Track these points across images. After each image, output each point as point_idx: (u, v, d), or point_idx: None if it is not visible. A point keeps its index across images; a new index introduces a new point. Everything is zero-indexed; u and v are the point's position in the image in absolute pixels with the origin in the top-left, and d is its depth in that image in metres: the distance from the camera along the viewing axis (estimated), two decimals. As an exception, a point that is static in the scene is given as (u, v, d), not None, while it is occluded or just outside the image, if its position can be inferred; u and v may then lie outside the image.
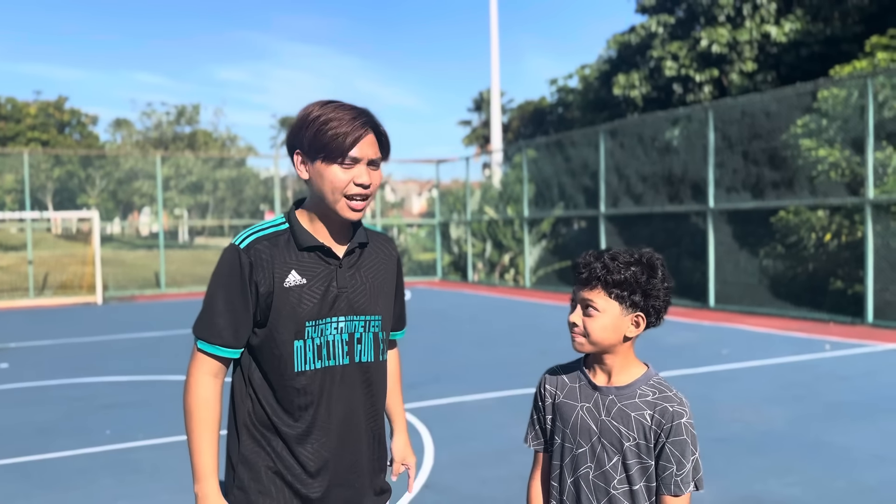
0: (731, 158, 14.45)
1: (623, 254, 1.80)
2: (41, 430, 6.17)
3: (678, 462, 1.75)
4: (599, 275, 1.78)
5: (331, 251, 1.95)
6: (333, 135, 1.85)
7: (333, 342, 1.93)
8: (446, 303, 16.48)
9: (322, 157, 1.87)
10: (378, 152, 1.92)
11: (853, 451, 5.15)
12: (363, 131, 1.87)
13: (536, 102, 36.28)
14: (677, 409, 1.76)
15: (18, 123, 46.94)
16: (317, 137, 1.86)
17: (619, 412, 1.80)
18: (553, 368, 1.98)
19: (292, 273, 1.90)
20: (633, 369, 1.85)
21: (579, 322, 1.81)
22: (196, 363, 1.93)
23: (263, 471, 1.91)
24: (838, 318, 11.98)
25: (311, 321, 1.90)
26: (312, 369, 1.91)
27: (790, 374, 7.85)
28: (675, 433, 1.74)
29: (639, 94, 20.93)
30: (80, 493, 4.64)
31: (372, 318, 1.99)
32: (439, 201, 24.27)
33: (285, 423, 1.91)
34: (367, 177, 1.89)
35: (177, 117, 49.49)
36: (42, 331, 12.78)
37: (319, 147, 1.86)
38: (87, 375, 8.48)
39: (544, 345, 10.07)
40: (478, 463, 5.07)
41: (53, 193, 30.21)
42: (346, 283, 1.95)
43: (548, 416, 1.94)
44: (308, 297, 1.90)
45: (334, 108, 1.89)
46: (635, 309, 1.79)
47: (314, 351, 1.92)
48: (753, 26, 18.97)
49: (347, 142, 1.85)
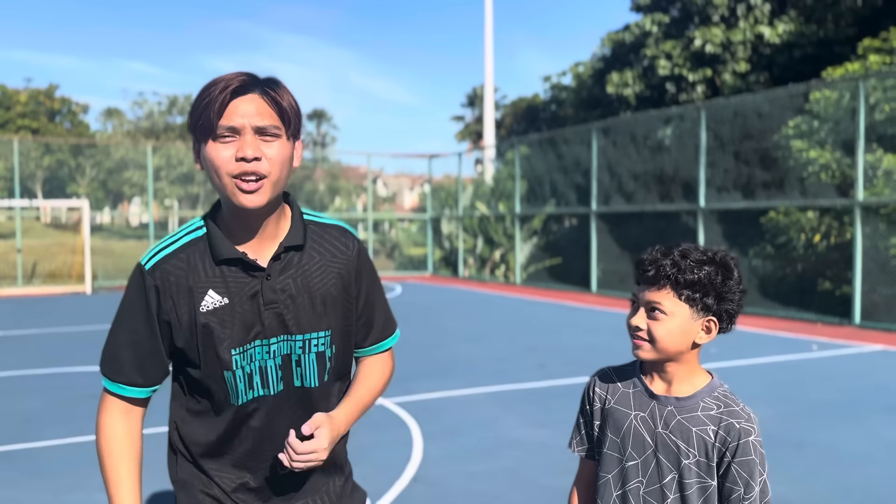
0: (723, 158, 14.51)
1: (695, 251, 1.61)
2: (28, 418, 6.14)
3: (746, 484, 1.59)
4: (669, 273, 1.59)
5: (252, 264, 1.59)
6: (205, 104, 1.50)
7: (266, 368, 1.63)
8: (436, 298, 16.49)
9: (201, 137, 1.53)
10: (271, 118, 1.52)
11: (838, 451, 5.19)
12: (234, 95, 1.50)
13: (530, 99, 36.32)
14: (744, 426, 1.61)
15: (8, 111, 46.62)
16: (192, 114, 1.53)
17: (679, 425, 1.63)
18: (604, 370, 1.81)
19: (209, 293, 1.58)
20: (696, 379, 1.67)
21: (643, 325, 1.63)
22: (103, 402, 1.68)
23: (199, 495, 1.70)
24: (826, 318, 12.06)
25: (238, 348, 1.59)
26: (244, 402, 1.63)
27: (777, 374, 7.91)
28: (741, 452, 1.59)
29: (632, 93, 20.98)
30: (67, 482, 4.63)
31: (313, 335, 1.65)
32: (431, 196, 24.26)
33: (220, 452, 1.69)
34: (251, 148, 1.49)
35: (168, 107, 49.28)
36: (30, 319, 12.71)
37: (194, 125, 1.52)
38: (75, 365, 8.44)
39: (534, 341, 10.09)
40: (466, 457, 5.09)
41: (43, 182, 30.04)
42: (274, 298, 1.60)
43: (596, 421, 1.77)
44: (230, 320, 1.58)
45: (207, 84, 1.54)
46: (707, 313, 1.61)
47: (245, 381, 1.62)
48: (747, 27, 19.03)
49: (215, 107, 1.48)
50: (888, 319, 11.29)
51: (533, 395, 6.96)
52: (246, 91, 1.52)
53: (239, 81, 1.52)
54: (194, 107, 1.54)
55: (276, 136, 1.54)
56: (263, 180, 1.52)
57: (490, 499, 4.34)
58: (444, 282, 20.99)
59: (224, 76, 1.54)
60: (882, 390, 7.08)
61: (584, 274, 17.70)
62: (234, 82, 1.51)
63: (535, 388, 7.24)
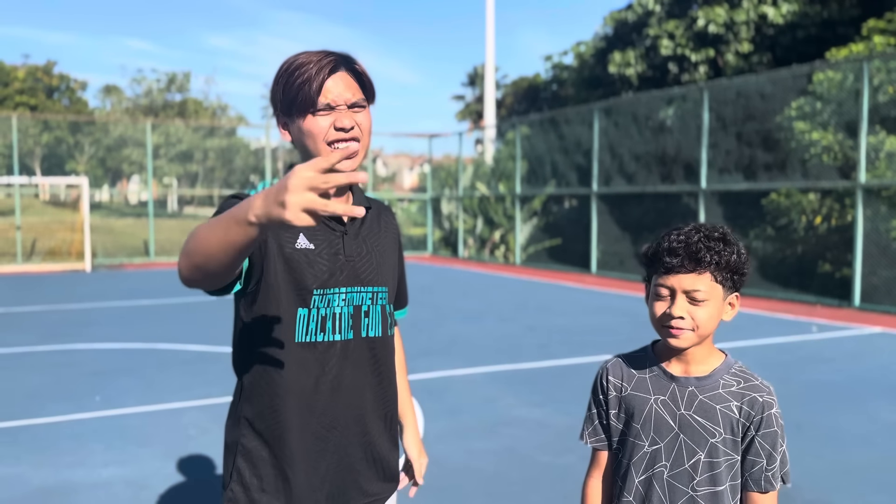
0: (725, 139, 14.46)
1: (711, 230, 1.62)
2: (30, 395, 6.16)
3: (769, 456, 1.62)
4: (709, 258, 1.59)
5: (337, 218, 1.76)
6: (300, 83, 1.67)
7: (340, 314, 1.75)
8: (436, 278, 16.50)
9: (296, 112, 1.69)
10: (359, 93, 1.73)
11: (838, 432, 5.22)
12: (330, 72, 1.68)
13: (531, 79, 36.10)
14: (767, 399, 1.62)
15: (6, 87, 46.33)
16: (286, 92, 1.69)
17: (702, 405, 1.64)
18: (614, 359, 1.80)
19: (301, 236, 1.72)
20: (712, 358, 1.69)
21: (686, 314, 1.60)
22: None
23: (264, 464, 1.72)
24: (826, 300, 12.08)
25: (319, 289, 1.72)
26: (313, 341, 1.72)
27: (776, 355, 7.93)
28: (765, 425, 1.61)
29: (634, 73, 20.85)
30: (69, 459, 4.65)
31: (379, 289, 1.82)
32: (431, 176, 24.20)
33: (282, 403, 1.71)
34: (348, 119, 1.69)
35: (167, 85, 49.01)
36: (30, 296, 12.72)
37: (290, 102, 1.69)
38: (75, 342, 8.46)
39: (533, 321, 10.11)
40: (467, 436, 5.11)
41: (42, 159, 29.93)
42: (352, 252, 1.78)
43: (611, 410, 1.76)
44: (317, 262, 1.72)
45: (300, 55, 1.71)
46: (733, 290, 1.64)
47: (318, 322, 1.72)
48: (751, 7, 18.88)
49: (314, 86, 1.66)
50: (888, 302, 11.31)
51: (533, 374, 6.98)
52: (336, 69, 1.70)
53: (330, 62, 1.70)
54: (287, 85, 1.69)
55: (363, 107, 1.74)
56: (357, 145, 1.72)
57: (490, 476, 4.37)
58: (444, 262, 21.00)
59: (311, 56, 1.70)
60: (882, 372, 7.11)
61: (583, 255, 17.70)
62: (326, 62, 1.69)
63: (534, 367, 7.26)
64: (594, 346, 8.14)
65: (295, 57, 1.71)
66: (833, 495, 4.11)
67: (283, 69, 1.71)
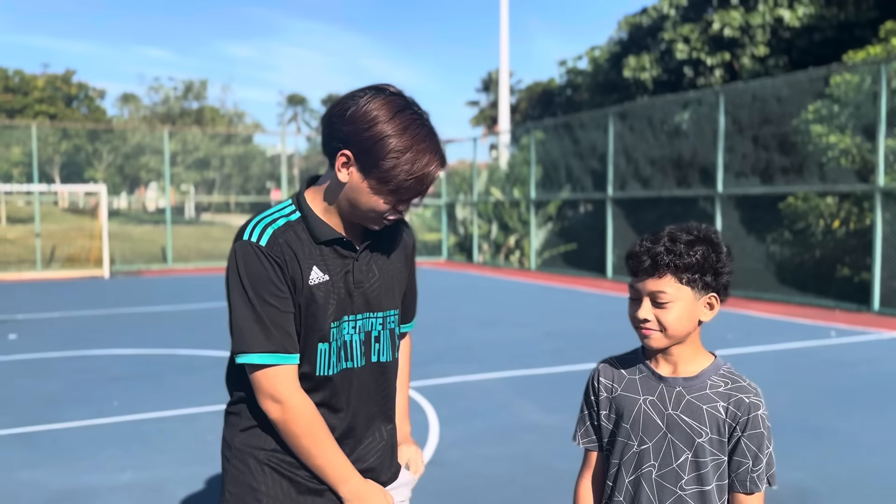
0: (741, 143, 14.37)
1: (681, 233, 1.63)
2: (49, 400, 6.22)
3: (754, 457, 1.63)
4: (668, 261, 1.60)
5: (349, 243, 1.77)
6: (404, 178, 1.63)
7: (351, 342, 1.79)
8: (451, 283, 16.50)
9: (377, 182, 1.64)
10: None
11: (857, 437, 5.16)
12: (434, 178, 1.67)
13: (545, 84, 36.07)
14: (753, 401, 1.63)
15: (26, 96, 46.93)
16: (382, 164, 1.62)
17: (689, 405, 1.65)
18: (606, 361, 1.83)
19: (314, 269, 1.72)
20: (700, 358, 1.70)
21: (651, 317, 1.64)
22: (271, 379, 1.68)
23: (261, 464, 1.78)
24: (844, 305, 11.96)
25: (335, 321, 1.74)
26: (332, 374, 1.77)
27: (795, 360, 7.86)
28: (752, 426, 1.62)
29: (649, 77, 20.79)
30: (87, 464, 4.69)
31: (388, 313, 1.85)
32: (445, 182, 24.22)
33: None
34: (403, 214, 1.75)
35: (184, 93, 49.48)
36: (50, 303, 12.85)
37: (381, 177, 1.63)
38: (94, 348, 8.53)
39: (549, 326, 10.08)
40: (481, 441, 5.10)
41: (61, 167, 30.27)
42: (362, 278, 1.79)
43: (602, 411, 1.78)
44: (331, 295, 1.73)
45: (410, 135, 1.62)
46: (707, 290, 1.64)
47: (336, 353, 1.77)
48: (766, 10, 18.78)
49: (423, 187, 1.66)
50: (908, 306, 11.18)
51: (548, 380, 6.97)
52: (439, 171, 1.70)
53: (440, 163, 1.68)
54: (385, 154, 1.61)
55: None
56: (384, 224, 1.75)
57: (505, 482, 4.36)
58: (459, 267, 20.99)
59: (431, 143, 1.65)
60: (901, 377, 7.02)
61: (599, 260, 17.64)
62: (441, 162, 1.68)
63: (550, 373, 7.24)
64: (610, 352, 8.01)
65: (397, 123, 1.61)
66: (853, 502, 4.06)
67: (384, 134, 1.61)
